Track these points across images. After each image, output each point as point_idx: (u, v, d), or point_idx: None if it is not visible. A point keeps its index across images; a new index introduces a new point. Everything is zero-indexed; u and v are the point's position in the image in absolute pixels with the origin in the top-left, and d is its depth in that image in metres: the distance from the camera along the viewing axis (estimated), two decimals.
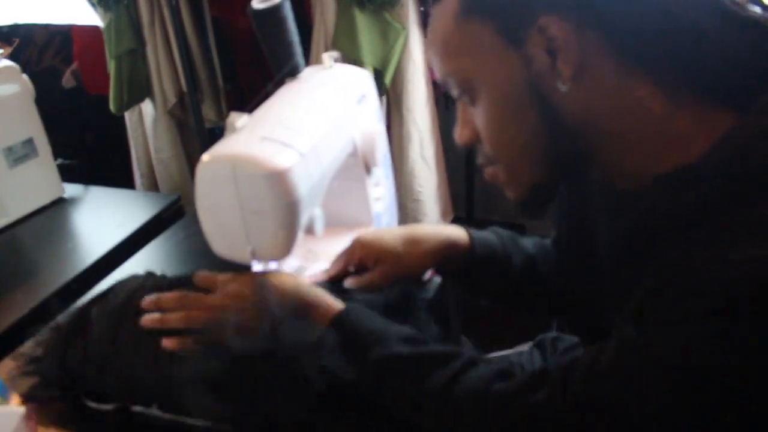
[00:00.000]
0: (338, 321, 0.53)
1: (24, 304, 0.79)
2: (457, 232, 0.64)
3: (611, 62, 0.41)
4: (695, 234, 0.39)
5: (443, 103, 1.90)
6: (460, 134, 0.51)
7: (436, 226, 0.65)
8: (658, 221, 0.43)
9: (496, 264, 0.64)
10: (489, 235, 0.66)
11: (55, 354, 0.59)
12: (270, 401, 0.50)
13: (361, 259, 0.63)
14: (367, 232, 0.65)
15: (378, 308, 0.57)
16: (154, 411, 0.58)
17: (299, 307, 0.55)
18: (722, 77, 0.40)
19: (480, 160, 0.51)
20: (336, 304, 0.55)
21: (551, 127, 0.44)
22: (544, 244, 0.68)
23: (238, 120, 0.58)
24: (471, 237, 0.64)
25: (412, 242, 0.62)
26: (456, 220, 1.67)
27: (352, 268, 0.64)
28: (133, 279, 0.62)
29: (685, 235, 0.40)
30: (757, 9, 0.40)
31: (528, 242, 0.68)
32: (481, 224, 0.64)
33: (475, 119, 0.48)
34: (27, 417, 0.53)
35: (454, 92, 0.48)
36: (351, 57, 1.37)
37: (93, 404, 0.59)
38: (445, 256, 0.63)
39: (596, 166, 0.48)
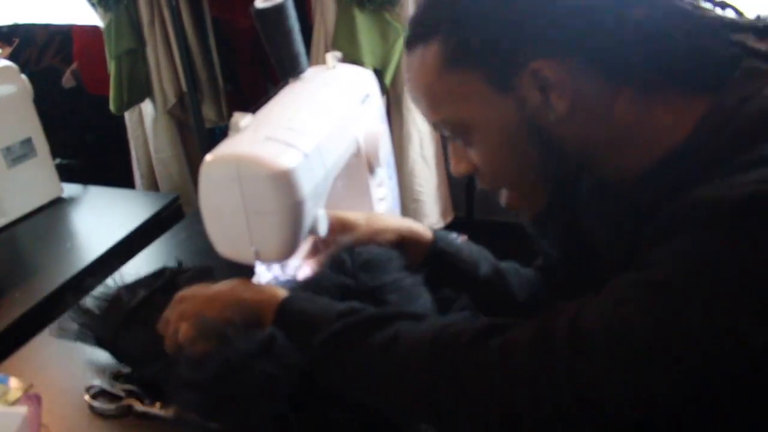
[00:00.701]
0: (281, 312, 0.52)
1: (23, 303, 0.78)
2: (421, 227, 0.66)
3: (597, 83, 0.44)
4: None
5: None
6: (456, 168, 0.52)
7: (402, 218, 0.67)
8: (653, 206, 0.45)
9: (461, 263, 0.64)
10: (457, 240, 0.68)
11: (110, 325, 0.62)
12: (247, 407, 0.49)
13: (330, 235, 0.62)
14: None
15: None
16: (157, 410, 0.58)
17: (244, 310, 0.54)
18: (693, 70, 0.43)
19: (482, 186, 0.52)
20: (276, 294, 0.54)
21: (551, 155, 0.46)
22: (519, 270, 0.69)
23: (242, 120, 0.57)
24: (434, 233, 0.66)
25: (375, 219, 0.64)
26: (456, 220, 1.67)
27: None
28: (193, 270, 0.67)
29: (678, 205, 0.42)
30: (708, 5, 0.44)
31: (503, 263, 0.69)
32: (481, 224, 0.64)
33: (472, 156, 0.49)
34: (29, 417, 0.53)
35: (446, 134, 0.49)
36: (351, 57, 1.37)
37: (94, 403, 0.60)
38: (406, 238, 0.64)
39: (591, 172, 0.49)
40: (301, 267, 0.67)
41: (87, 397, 0.60)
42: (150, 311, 0.61)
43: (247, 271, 0.67)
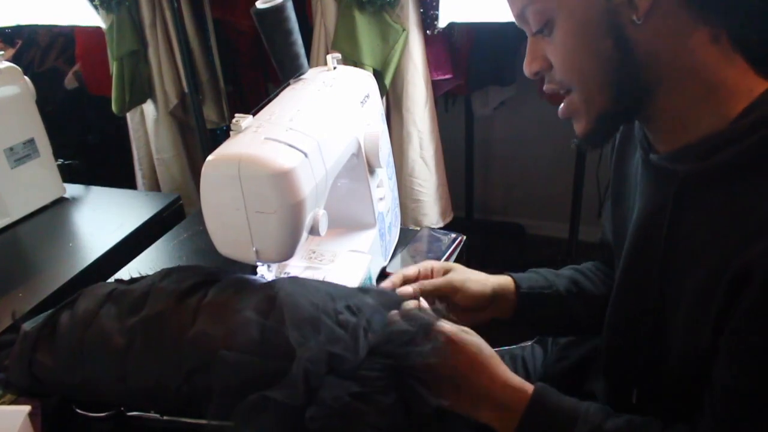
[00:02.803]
0: (534, 403, 0.52)
1: (25, 303, 0.79)
2: (504, 280, 0.68)
3: (680, 8, 0.45)
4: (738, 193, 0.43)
5: (443, 104, 1.91)
6: (530, 65, 0.52)
7: (481, 275, 0.69)
8: (697, 180, 0.47)
9: (545, 291, 0.68)
10: (528, 274, 0.70)
11: (22, 361, 0.57)
12: None
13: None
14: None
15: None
16: (152, 414, 0.58)
17: (490, 393, 0.52)
18: None
19: (548, 86, 0.53)
20: (524, 384, 0.53)
21: (623, 56, 0.47)
22: (578, 268, 0.73)
23: (243, 121, 0.58)
24: (513, 279, 0.68)
25: (467, 272, 0.67)
26: (455, 220, 1.67)
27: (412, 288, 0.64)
28: (101, 286, 0.60)
29: (725, 195, 0.44)
30: None
31: (564, 271, 0.72)
32: (480, 224, 0.65)
33: (549, 50, 0.50)
34: (32, 415, 0.53)
35: (530, 25, 0.50)
36: (351, 58, 1.38)
37: (85, 413, 0.59)
38: (497, 292, 0.67)
39: (648, 114, 0.51)
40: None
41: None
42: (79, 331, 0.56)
43: (248, 271, 0.67)
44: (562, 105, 0.53)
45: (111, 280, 0.83)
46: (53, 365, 0.56)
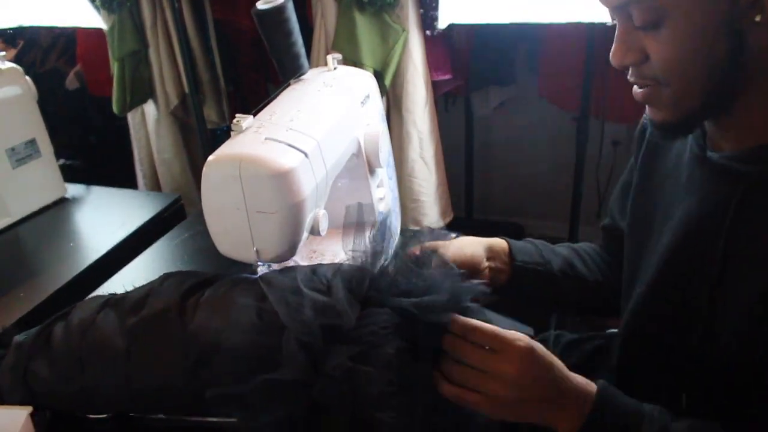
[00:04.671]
0: (598, 407, 0.49)
1: (26, 302, 0.79)
2: (498, 245, 0.68)
3: None
4: None
5: (443, 104, 1.91)
6: (623, 57, 0.50)
7: (477, 239, 0.69)
8: (763, 183, 0.46)
9: (538, 268, 0.67)
10: (525, 244, 0.70)
11: (17, 372, 0.56)
12: None
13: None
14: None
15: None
16: (157, 415, 0.58)
17: (553, 396, 0.49)
18: None
19: (636, 80, 0.51)
20: (586, 388, 0.50)
21: (733, 60, 0.46)
22: (575, 248, 0.73)
23: (244, 121, 0.58)
24: (509, 245, 0.68)
25: (462, 239, 0.66)
26: (455, 220, 1.67)
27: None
28: (95, 299, 0.60)
29: None
30: None
31: (560, 248, 0.72)
32: (480, 224, 0.66)
33: (650, 44, 0.48)
34: (33, 416, 0.53)
35: (633, 19, 0.48)
36: (351, 59, 1.38)
37: (88, 415, 0.58)
38: (493, 249, 0.68)
39: (726, 112, 0.49)
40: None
41: None
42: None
43: (249, 271, 0.68)
44: (640, 90, 0.51)
45: (110, 280, 0.84)
46: (48, 375, 0.55)
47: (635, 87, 0.51)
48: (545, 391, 0.48)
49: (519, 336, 0.48)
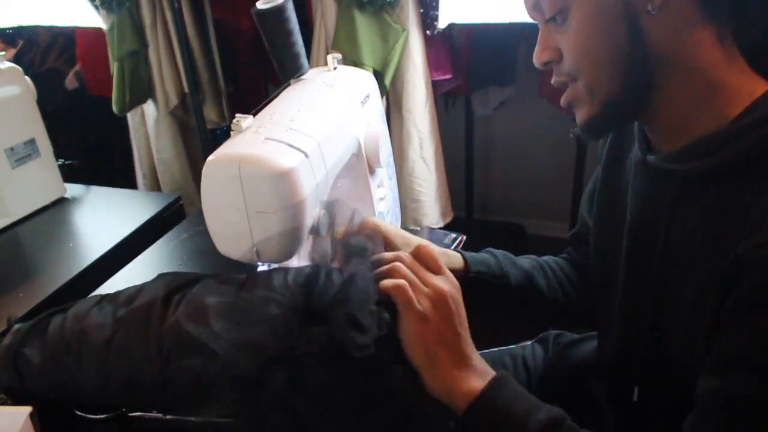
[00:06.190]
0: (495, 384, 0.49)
1: (26, 302, 0.79)
2: (453, 253, 0.67)
3: (692, 3, 0.46)
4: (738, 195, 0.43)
5: (443, 104, 1.91)
6: (540, 55, 0.53)
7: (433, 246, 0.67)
8: (696, 179, 0.47)
9: (494, 279, 0.67)
10: (484, 255, 0.69)
11: (8, 354, 0.57)
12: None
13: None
14: (380, 222, 0.65)
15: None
16: (154, 414, 0.58)
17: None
18: None
19: (556, 79, 0.53)
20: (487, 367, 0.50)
21: (634, 44, 0.47)
22: (540, 262, 0.72)
23: (244, 121, 0.58)
24: (465, 258, 0.67)
25: (413, 239, 0.64)
26: (455, 220, 1.67)
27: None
28: (93, 297, 0.61)
29: (724, 196, 0.44)
30: None
31: (523, 260, 0.71)
32: (480, 224, 0.65)
33: (561, 40, 0.51)
34: (33, 416, 0.53)
35: (544, 13, 0.50)
36: (351, 58, 1.38)
37: (85, 414, 0.59)
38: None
39: (651, 113, 0.51)
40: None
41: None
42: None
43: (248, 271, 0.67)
44: (564, 94, 0.53)
45: (110, 280, 0.84)
46: (39, 360, 0.56)
47: (562, 97, 0.53)
48: (458, 336, 0.49)
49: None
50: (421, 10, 1.42)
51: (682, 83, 0.48)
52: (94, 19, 1.47)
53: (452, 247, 0.85)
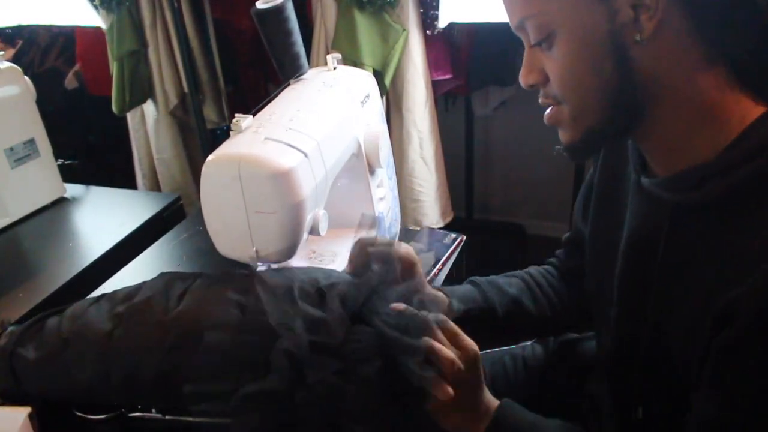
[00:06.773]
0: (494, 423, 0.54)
1: (25, 302, 0.79)
2: (440, 294, 0.67)
3: (683, 31, 0.45)
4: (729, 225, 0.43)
5: (443, 104, 1.91)
6: (526, 77, 0.52)
7: None
8: (688, 208, 0.47)
9: (481, 313, 0.67)
10: (467, 288, 0.69)
11: (3, 354, 0.57)
12: None
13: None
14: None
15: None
16: (153, 414, 0.58)
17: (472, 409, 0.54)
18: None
19: (543, 100, 0.53)
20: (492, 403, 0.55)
21: (622, 76, 0.47)
22: (527, 280, 0.72)
23: (243, 121, 0.58)
24: (449, 297, 0.66)
25: None
26: (455, 220, 1.67)
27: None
28: (87, 300, 0.61)
29: (714, 228, 0.44)
30: None
31: (511, 282, 0.71)
32: (480, 224, 0.65)
33: (547, 63, 0.50)
34: (32, 417, 0.53)
35: (530, 37, 0.49)
36: (351, 58, 1.38)
37: (84, 415, 0.58)
38: None
39: (643, 133, 0.50)
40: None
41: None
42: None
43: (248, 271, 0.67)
44: (548, 111, 0.52)
45: (109, 280, 0.84)
46: (34, 359, 0.56)
47: (546, 112, 0.53)
48: (475, 394, 0.54)
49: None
50: (421, 10, 1.42)
51: (673, 109, 0.47)
52: (93, 18, 1.47)
53: (452, 248, 0.85)
